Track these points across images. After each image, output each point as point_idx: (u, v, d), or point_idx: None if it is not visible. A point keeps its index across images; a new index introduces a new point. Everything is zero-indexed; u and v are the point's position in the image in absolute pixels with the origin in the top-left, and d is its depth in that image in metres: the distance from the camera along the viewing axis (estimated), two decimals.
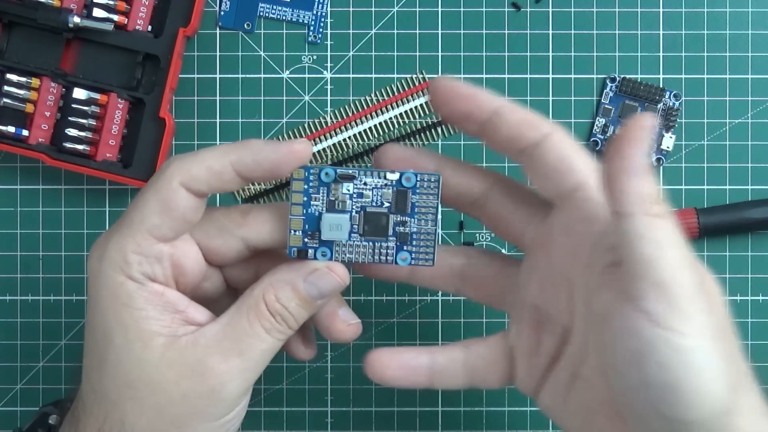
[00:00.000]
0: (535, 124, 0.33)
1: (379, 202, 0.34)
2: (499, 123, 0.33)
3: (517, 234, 0.36)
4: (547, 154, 0.33)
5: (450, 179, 0.35)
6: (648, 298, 0.28)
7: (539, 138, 0.33)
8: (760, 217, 0.45)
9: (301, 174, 0.34)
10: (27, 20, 0.44)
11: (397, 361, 0.36)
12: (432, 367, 0.36)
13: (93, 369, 0.34)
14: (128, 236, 0.33)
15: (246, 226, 0.35)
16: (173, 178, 0.33)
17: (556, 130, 0.33)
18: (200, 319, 0.34)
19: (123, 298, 0.33)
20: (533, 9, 0.47)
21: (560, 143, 0.33)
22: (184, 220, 0.33)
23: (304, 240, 0.34)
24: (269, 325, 0.34)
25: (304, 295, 0.34)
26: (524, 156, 0.33)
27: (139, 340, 0.33)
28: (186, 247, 0.34)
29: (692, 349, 0.28)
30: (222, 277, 0.37)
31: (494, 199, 0.36)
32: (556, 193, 0.34)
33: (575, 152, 0.33)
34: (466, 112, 0.34)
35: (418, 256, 0.35)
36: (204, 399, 0.33)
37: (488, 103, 0.33)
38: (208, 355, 0.33)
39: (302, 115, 0.47)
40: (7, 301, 0.47)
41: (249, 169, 0.33)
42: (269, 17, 0.47)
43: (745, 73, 0.47)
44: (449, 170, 0.36)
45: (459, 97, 0.33)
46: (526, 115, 0.33)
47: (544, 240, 0.35)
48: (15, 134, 0.45)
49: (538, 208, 0.35)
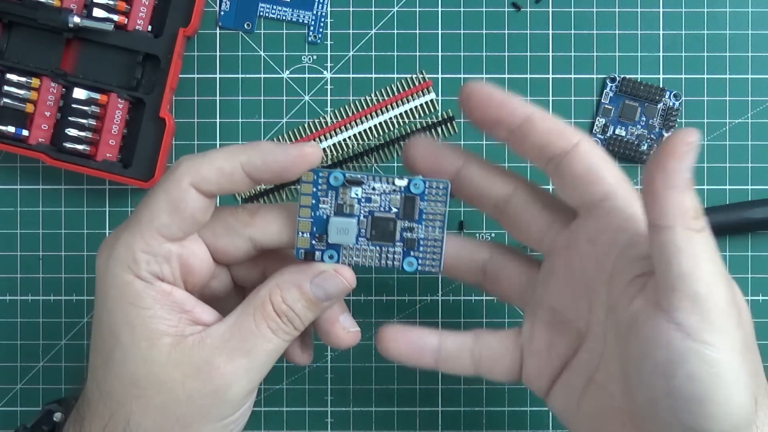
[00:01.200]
0: (565, 133, 0.33)
1: (387, 208, 0.35)
2: (529, 130, 0.33)
3: (537, 238, 0.36)
4: (576, 163, 0.33)
5: (474, 178, 0.36)
6: (682, 310, 0.29)
7: (568, 147, 0.33)
8: (760, 217, 0.45)
9: (311, 177, 0.34)
10: (27, 20, 0.44)
11: (406, 337, 0.37)
12: (440, 349, 0.37)
13: (99, 367, 0.34)
14: (137, 235, 0.33)
15: (254, 225, 0.35)
16: (183, 178, 0.33)
17: (585, 140, 0.33)
18: (207, 319, 0.34)
19: (130, 297, 0.33)
20: (533, 9, 0.47)
21: (589, 153, 0.33)
22: (193, 220, 0.33)
23: (311, 242, 0.35)
24: (275, 325, 0.34)
25: (311, 296, 0.34)
26: (552, 164, 0.34)
27: (146, 339, 0.33)
28: (194, 247, 0.34)
29: (723, 362, 0.29)
30: (230, 276, 0.37)
31: (517, 203, 0.36)
32: (582, 202, 0.34)
33: (604, 162, 0.33)
34: (497, 119, 0.34)
35: (425, 262, 0.35)
36: (209, 399, 0.33)
37: (520, 110, 0.33)
38: (215, 356, 0.33)
39: (302, 115, 0.47)
40: (7, 301, 0.47)
41: (258, 170, 0.33)
42: (269, 17, 0.47)
43: (745, 73, 0.47)
44: (474, 169, 0.36)
45: (491, 103, 0.34)
46: (556, 124, 0.33)
47: (565, 246, 0.35)
48: (15, 134, 0.45)
49: (560, 215, 0.35)
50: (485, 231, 0.47)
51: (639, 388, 0.31)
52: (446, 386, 0.47)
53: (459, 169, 0.36)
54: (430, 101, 0.47)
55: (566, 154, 0.33)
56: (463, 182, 0.36)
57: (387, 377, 0.47)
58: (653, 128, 0.46)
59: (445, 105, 0.47)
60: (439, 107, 0.47)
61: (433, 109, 0.47)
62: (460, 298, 0.47)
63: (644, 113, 0.47)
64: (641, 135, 0.47)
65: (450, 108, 0.47)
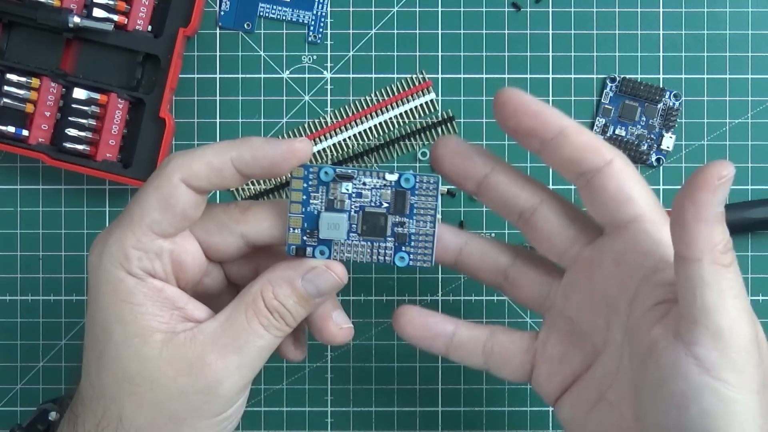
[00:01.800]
0: (600, 150, 0.33)
1: (378, 203, 0.34)
2: (562, 143, 0.33)
3: (560, 251, 0.35)
4: (608, 181, 0.32)
5: (501, 185, 0.35)
6: (702, 345, 0.29)
7: (601, 164, 0.32)
8: (760, 217, 0.45)
9: (301, 173, 0.34)
10: (27, 20, 0.44)
11: (422, 320, 0.37)
12: (453, 338, 0.37)
13: (92, 364, 0.34)
14: (128, 232, 0.33)
15: (245, 222, 0.35)
16: (174, 174, 0.33)
17: (618, 157, 0.33)
18: (199, 316, 0.34)
19: (122, 294, 0.33)
20: (533, 9, 0.47)
21: (621, 172, 0.32)
22: (184, 216, 0.33)
23: (302, 238, 0.34)
24: (267, 321, 0.34)
25: (302, 292, 0.34)
26: (582, 179, 0.33)
27: (138, 335, 0.33)
28: (186, 244, 0.34)
29: (738, 402, 0.28)
30: (223, 273, 0.37)
31: (543, 215, 0.35)
32: (610, 221, 0.33)
33: (636, 183, 0.33)
34: (531, 129, 0.33)
35: (416, 257, 0.35)
36: (201, 395, 0.33)
37: (555, 121, 0.33)
38: (206, 352, 0.33)
39: (302, 115, 0.47)
40: (7, 301, 0.47)
41: (248, 165, 0.33)
42: (269, 17, 0.47)
43: (745, 73, 0.47)
44: (503, 176, 0.35)
45: (526, 113, 0.33)
46: (591, 139, 0.33)
47: (589, 262, 0.35)
48: (15, 134, 0.45)
49: (586, 230, 0.35)
50: (485, 231, 0.47)
51: (650, 414, 0.30)
52: (446, 386, 0.47)
53: (487, 175, 0.35)
54: (430, 101, 0.47)
55: (598, 171, 0.32)
56: (489, 188, 0.35)
57: (387, 377, 0.47)
58: (653, 128, 0.46)
59: (445, 105, 0.47)
60: (439, 107, 0.47)
61: (433, 109, 0.47)
62: (460, 298, 0.47)
63: (644, 113, 0.47)
64: (641, 135, 0.47)
65: (450, 108, 0.47)
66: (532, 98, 0.33)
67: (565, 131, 0.33)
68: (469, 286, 0.47)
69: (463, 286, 0.47)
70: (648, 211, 0.32)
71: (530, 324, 0.47)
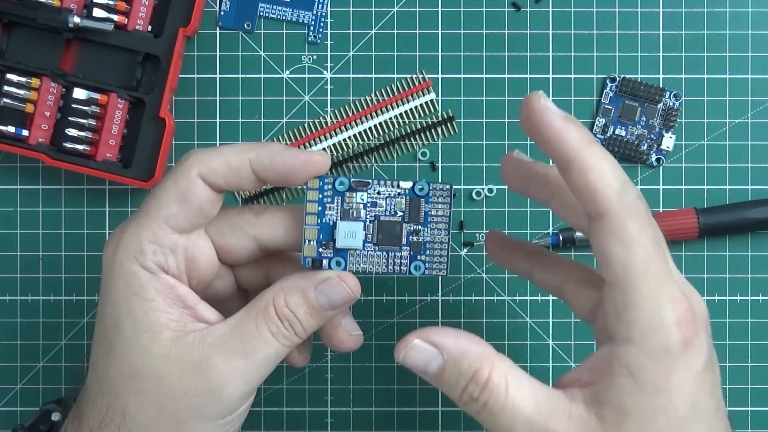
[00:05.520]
0: (594, 200, 0.31)
1: (393, 211, 0.35)
2: (567, 179, 0.31)
3: (590, 317, 0.35)
4: (594, 239, 0.31)
5: (541, 274, 0.37)
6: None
7: (593, 215, 0.31)
8: (760, 217, 0.45)
9: (316, 183, 0.34)
10: (27, 20, 0.44)
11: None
12: (532, 273, 0.38)
13: (100, 358, 0.34)
14: (144, 225, 0.33)
15: (259, 226, 0.35)
16: (192, 169, 0.33)
17: (611, 212, 0.30)
18: (209, 318, 0.35)
19: (135, 288, 0.33)
20: (533, 9, 0.47)
21: (608, 230, 0.30)
22: (200, 211, 0.34)
23: (318, 250, 0.35)
24: (276, 329, 0.34)
25: (314, 303, 0.34)
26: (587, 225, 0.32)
27: (147, 331, 0.33)
28: (200, 242, 0.35)
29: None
30: (233, 278, 0.37)
31: (571, 288, 0.36)
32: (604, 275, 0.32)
33: (618, 244, 0.30)
34: (546, 152, 0.32)
35: (432, 265, 0.35)
36: (204, 397, 0.33)
37: (565, 151, 0.31)
38: (213, 354, 0.33)
39: (302, 115, 0.47)
40: (7, 301, 0.47)
41: (265, 169, 0.33)
42: (269, 17, 0.47)
43: (745, 73, 0.47)
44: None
45: (548, 140, 0.31)
46: (589, 185, 0.30)
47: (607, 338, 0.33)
48: (15, 134, 0.45)
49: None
50: (485, 231, 0.47)
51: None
52: None
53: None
54: (430, 101, 0.47)
55: (591, 221, 0.31)
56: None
57: (387, 377, 0.47)
58: (653, 128, 0.46)
59: (445, 105, 0.47)
60: (439, 107, 0.47)
61: (433, 109, 0.47)
62: (460, 298, 0.47)
63: (644, 113, 0.47)
64: (641, 135, 0.47)
65: (450, 108, 0.47)
66: (557, 111, 0.31)
67: (571, 167, 0.31)
68: (469, 286, 0.47)
69: (463, 286, 0.47)
70: (625, 276, 0.30)
71: (530, 324, 0.47)
